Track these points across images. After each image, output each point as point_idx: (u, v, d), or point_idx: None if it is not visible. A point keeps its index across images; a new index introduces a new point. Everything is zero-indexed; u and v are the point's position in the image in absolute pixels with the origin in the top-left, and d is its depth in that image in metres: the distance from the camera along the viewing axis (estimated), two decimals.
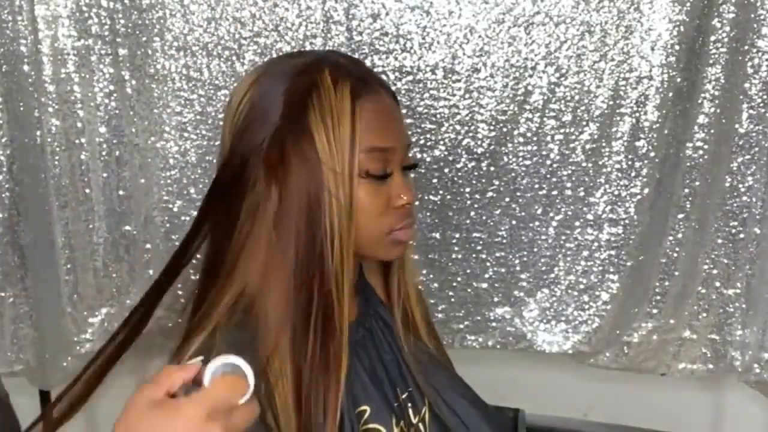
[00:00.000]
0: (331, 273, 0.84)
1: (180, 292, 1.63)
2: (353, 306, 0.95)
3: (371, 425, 0.89)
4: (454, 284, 1.60)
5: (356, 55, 1.47)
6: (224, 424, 0.60)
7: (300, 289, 0.83)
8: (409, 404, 0.94)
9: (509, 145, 1.51)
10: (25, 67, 1.48)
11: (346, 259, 0.85)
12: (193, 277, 0.92)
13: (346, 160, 0.83)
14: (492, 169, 1.53)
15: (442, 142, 1.52)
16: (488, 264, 1.58)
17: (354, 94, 0.84)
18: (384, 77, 1.47)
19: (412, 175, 0.95)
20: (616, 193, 1.52)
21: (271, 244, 0.84)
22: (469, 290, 1.60)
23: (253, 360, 0.81)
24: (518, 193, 1.54)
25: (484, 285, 1.59)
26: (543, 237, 1.56)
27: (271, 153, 0.84)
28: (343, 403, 0.85)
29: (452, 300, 1.60)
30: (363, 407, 0.89)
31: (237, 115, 0.87)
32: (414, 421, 0.94)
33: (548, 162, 1.52)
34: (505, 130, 1.51)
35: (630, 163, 1.50)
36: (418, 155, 1.52)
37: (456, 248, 1.58)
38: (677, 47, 1.43)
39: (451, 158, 1.53)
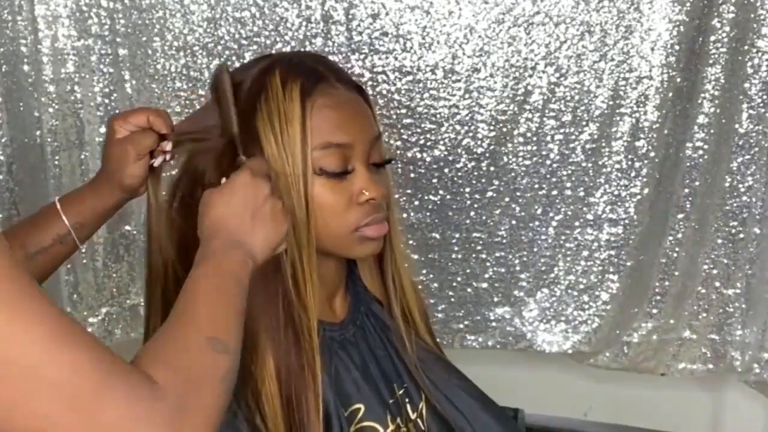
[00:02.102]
0: (288, 274, 0.84)
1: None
2: (342, 305, 0.95)
3: (365, 423, 0.88)
4: (454, 284, 1.60)
5: (356, 55, 1.47)
6: (266, 180, 0.80)
7: (266, 289, 0.83)
8: (407, 399, 0.94)
9: (509, 145, 1.51)
10: (25, 67, 1.48)
11: (306, 260, 0.84)
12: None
13: (298, 159, 0.83)
14: (492, 169, 1.53)
15: (442, 142, 1.52)
16: (488, 264, 1.58)
17: (304, 93, 0.84)
18: (384, 77, 1.47)
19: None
20: (616, 193, 1.52)
21: None
22: (469, 290, 1.60)
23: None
24: (518, 193, 1.54)
25: (484, 285, 1.59)
26: (543, 237, 1.56)
27: (223, 156, 0.86)
28: (330, 403, 0.85)
29: (452, 300, 1.60)
30: (356, 405, 0.88)
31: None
32: (412, 416, 0.94)
33: (548, 162, 1.52)
34: (505, 130, 1.51)
35: (630, 163, 1.50)
36: (418, 155, 1.52)
37: (456, 248, 1.58)
38: (677, 47, 1.43)
39: (451, 158, 1.53)
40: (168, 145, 0.91)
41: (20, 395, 0.53)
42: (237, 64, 1.50)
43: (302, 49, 1.48)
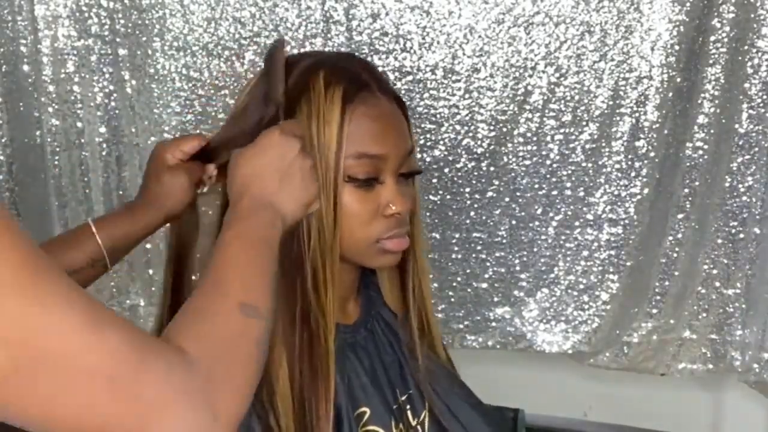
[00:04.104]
0: (309, 277, 0.83)
1: None
2: (354, 308, 0.95)
3: (370, 427, 0.88)
4: (454, 284, 1.60)
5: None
6: (297, 139, 0.79)
7: (285, 291, 0.82)
8: (408, 406, 0.94)
9: (509, 145, 1.51)
10: (25, 67, 1.49)
11: (329, 265, 0.84)
12: (193, 277, 0.92)
13: (331, 165, 0.82)
14: (492, 169, 1.53)
15: (442, 142, 1.52)
16: (488, 264, 1.58)
17: (346, 99, 0.83)
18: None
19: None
20: (616, 193, 1.52)
21: None
22: (469, 290, 1.60)
23: None
24: (518, 193, 1.54)
25: (484, 285, 1.59)
26: (543, 237, 1.56)
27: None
28: (341, 405, 0.85)
29: (452, 300, 1.60)
30: (363, 409, 0.88)
31: (236, 107, 0.88)
32: (413, 423, 0.94)
33: (548, 162, 1.52)
34: (505, 130, 1.51)
35: (630, 163, 1.50)
36: (418, 155, 1.52)
37: (456, 248, 1.58)
38: (677, 47, 1.43)
39: (451, 158, 1.53)
40: (214, 171, 0.90)
41: (59, 387, 0.52)
42: (237, 65, 1.51)
43: (302, 50, 1.49)
